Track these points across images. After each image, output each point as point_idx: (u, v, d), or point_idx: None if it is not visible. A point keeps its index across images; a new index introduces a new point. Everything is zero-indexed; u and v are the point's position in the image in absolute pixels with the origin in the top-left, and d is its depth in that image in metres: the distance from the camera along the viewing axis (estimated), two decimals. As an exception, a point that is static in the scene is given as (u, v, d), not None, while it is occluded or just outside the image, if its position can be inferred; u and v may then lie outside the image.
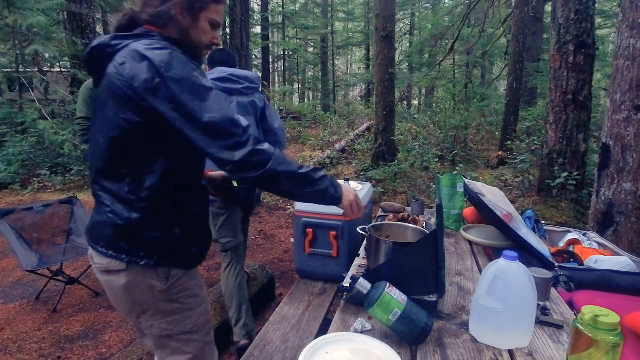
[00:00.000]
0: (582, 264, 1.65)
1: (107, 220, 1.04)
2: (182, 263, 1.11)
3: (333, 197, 1.11)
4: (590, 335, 0.78)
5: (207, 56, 2.11)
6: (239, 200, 1.29)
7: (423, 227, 1.52)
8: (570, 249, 1.84)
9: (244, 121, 0.98)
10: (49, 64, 8.20)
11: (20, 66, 7.04)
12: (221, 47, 1.50)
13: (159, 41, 0.99)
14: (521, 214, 1.99)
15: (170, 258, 1.08)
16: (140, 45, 0.96)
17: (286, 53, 19.25)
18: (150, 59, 0.93)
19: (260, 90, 2.28)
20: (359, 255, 1.59)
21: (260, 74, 15.94)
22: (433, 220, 1.99)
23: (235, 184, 1.31)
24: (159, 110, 0.94)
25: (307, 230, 2.36)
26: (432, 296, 1.15)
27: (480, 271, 1.45)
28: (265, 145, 1.00)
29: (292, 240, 2.72)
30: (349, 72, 23.04)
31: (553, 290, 1.29)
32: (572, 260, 1.69)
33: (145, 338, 1.17)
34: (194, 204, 1.13)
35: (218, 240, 2.14)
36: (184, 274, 1.12)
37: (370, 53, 17.01)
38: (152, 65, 0.93)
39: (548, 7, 9.01)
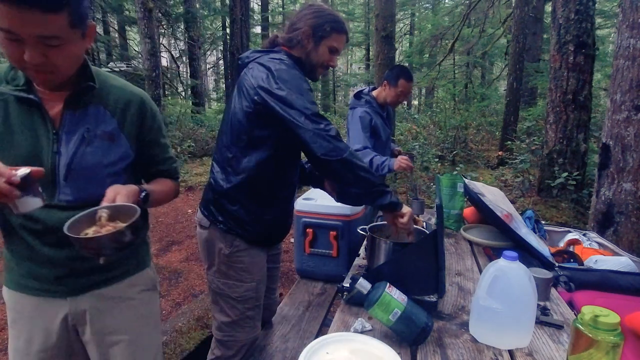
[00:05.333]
0: (582, 264, 1.65)
1: (208, 185, 1.39)
2: (244, 237, 1.34)
3: (394, 203, 1.26)
4: (590, 335, 0.78)
5: None
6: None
7: (423, 227, 1.52)
8: (570, 249, 1.84)
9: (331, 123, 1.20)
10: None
11: (20, 66, 7.03)
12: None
13: (281, 56, 1.29)
14: (521, 214, 1.99)
15: (236, 230, 1.33)
16: (266, 58, 1.28)
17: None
18: (268, 67, 1.23)
19: None
20: (359, 255, 1.58)
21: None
22: (433, 220, 1.99)
23: None
24: (268, 103, 1.19)
25: (307, 230, 2.36)
26: (432, 296, 1.15)
27: (480, 271, 1.45)
28: (343, 140, 1.19)
29: (292, 240, 2.72)
30: (349, 72, 23.01)
31: (553, 290, 1.29)
32: (572, 260, 1.69)
33: (208, 292, 1.43)
34: (272, 195, 1.36)
35: None
36: (245, 248, 1.35)
37: (370, 53, 17.00)
38: (270, 71, 1.22)
39: (548, 7, 9.01)
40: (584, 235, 2.00)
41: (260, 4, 16.63)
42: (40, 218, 0.94)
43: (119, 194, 0.91)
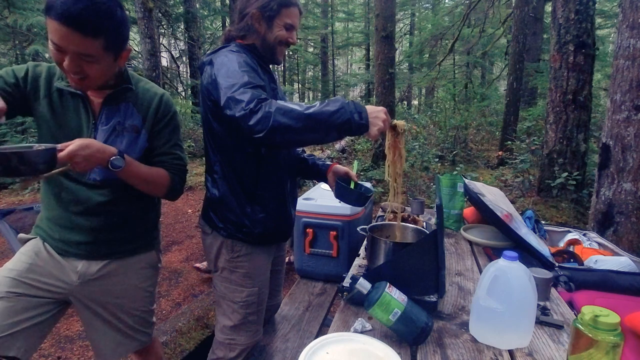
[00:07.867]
0: (582, 264, 1.65)
1: (205, 192, 1.40)
2: (245, 240, 1.34)
3: (358, 126, 1.05)
4: (590, 335, 0.78)
5: None
6: (351, 201, 1.42)
7: (423, 227, 1.52)
8: (570, 249, 1.84)
9: (255, 93, 1.07)
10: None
11: (20, 66, 7.01)
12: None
13: (231, 48, 1.24)
14: (521, 214, 1.99)
15: (236, 234, 1.33)
16: (215, 53, 1.24)
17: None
18: (212, 62, 1.20)
19: None
20: (359, 255, 1.58)
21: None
22: (433, 220, 1.99)
23: (352, 185, 1.46)
24: (213, 94, 1.16)
25: (307, 230, 2.36)
26: (432, 296, 1.15)
27: (480, 271, 1.45)
28: (266, 106, 1.03)
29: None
30: (349, 72, 23.02)
31: (553, 290, 1.28)
32: (572, 260, 1.69)
33: (214, 294, 1.44)
34: (263, 194, 1.33)
35: None
36: (246, 253, 1.34)
37: (370, 53, 16.99)
38: (212, 65, 1.19)
39: (548, 7, 9.01)
40: (584, 235, 2.00)
41: (260, 4, 16.59)
42: (73, 191, 1.17)
43: (72, 143, 0.99)
